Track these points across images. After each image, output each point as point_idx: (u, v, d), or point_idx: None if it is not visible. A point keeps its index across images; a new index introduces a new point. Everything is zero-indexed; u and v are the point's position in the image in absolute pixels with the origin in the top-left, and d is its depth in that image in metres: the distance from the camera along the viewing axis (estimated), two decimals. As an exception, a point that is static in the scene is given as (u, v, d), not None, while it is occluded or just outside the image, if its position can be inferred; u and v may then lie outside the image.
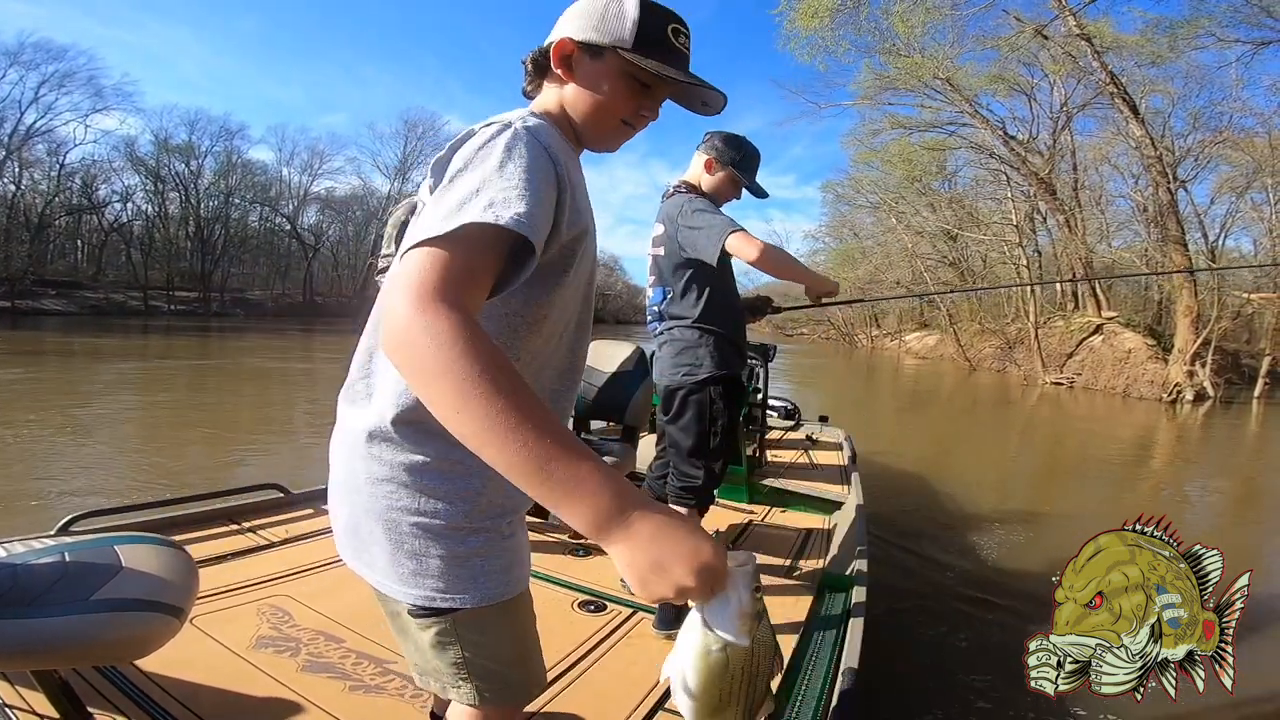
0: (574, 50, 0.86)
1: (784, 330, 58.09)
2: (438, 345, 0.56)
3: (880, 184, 28.10)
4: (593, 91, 0.87)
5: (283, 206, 41.39)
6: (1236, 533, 5.05)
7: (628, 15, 0.85)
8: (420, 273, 0.61)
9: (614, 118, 0.89)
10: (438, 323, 0.57)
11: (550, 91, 0.91)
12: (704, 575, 0.54)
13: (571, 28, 0.87)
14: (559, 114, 0.90)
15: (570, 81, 0.88)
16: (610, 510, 0.54)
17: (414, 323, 0.58)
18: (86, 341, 15.94)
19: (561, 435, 0.56)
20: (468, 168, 0.72)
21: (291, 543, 2.31)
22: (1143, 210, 19.92)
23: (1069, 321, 19.52)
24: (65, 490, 4.32)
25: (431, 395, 0.57)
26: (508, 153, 0.73)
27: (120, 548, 1.12)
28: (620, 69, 0.86)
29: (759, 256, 1.81)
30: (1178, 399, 13.88)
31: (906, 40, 18.15)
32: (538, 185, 0.71)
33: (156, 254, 35.50)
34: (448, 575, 0.80)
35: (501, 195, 0.68)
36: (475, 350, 0.56)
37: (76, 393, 8.39)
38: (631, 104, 0.88)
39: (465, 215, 0.65)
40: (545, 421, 0.55)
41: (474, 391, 0.55)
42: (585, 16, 0.86)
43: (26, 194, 31.27)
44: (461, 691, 0.86)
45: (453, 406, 0.56)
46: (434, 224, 0.65)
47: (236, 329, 24.40)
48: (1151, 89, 16.82)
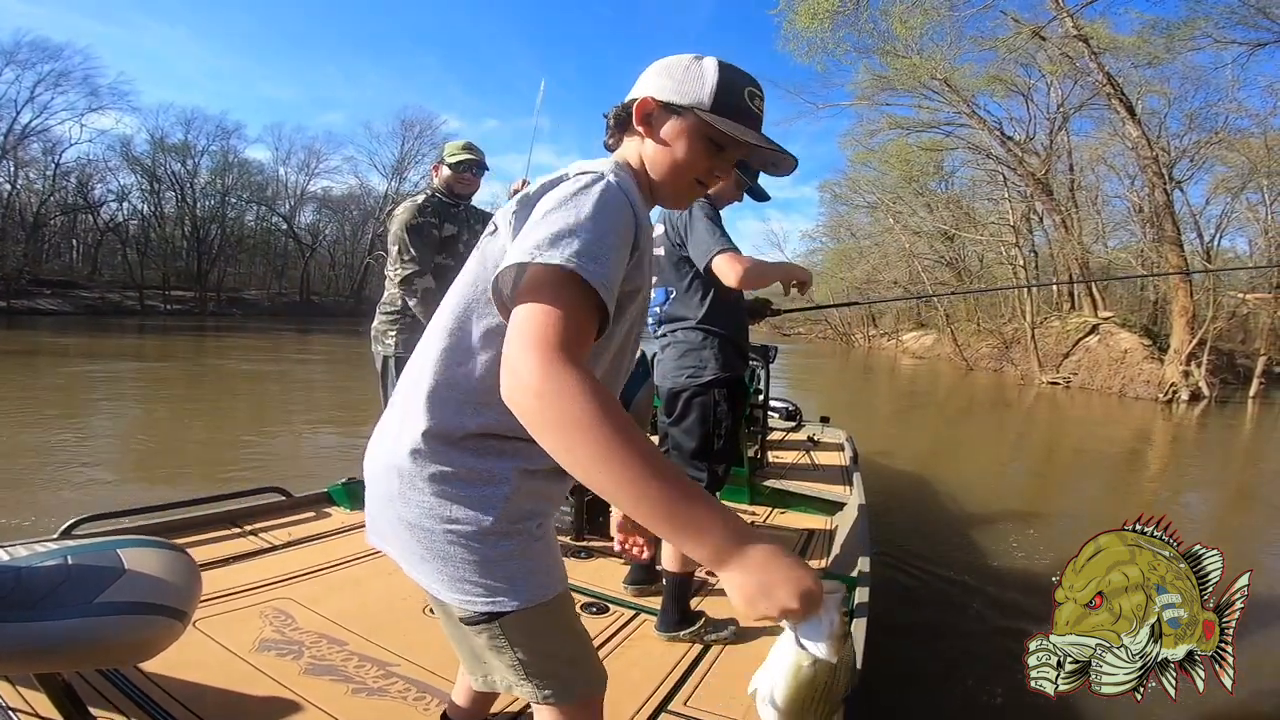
0: (655, 109, 0.90)
1: (781, 330, 58.05)
2: (573, 404, 0.63)
3: (878, 184, 28.13)
4: (671, 150, 0.90)
5: (279, 206, 41.34)
6: (1232, 532, 5.08)
7: (707, 78, 0.88)
8: (544, 330, 0.67)
9: (689, 176, 0.92)
10: (570, 382, 0.63)
11: (630, 146, 0.94)
12: (804, 599, 0.61)
13: (653, 87, 0.90)
14: (638, 169, 0.93)
15: (650, 139, 0.91)
16: (727, 544, 0.62)
17: (547, 382, 0.64)
18: (81, 342, 15.91)
19: (682, 481, 0.63)
20: (561, 210, 0.75)
21: (294, 546, 2.32)
22: (1139, 211, 20.02)
23: (1065, 321, 19.57)
24: (67, 494, 4.30)
25: (564, 449, 0.63)
26: (601, 207, 0.77)
27: (123, 551, 1.12)
28: (698, 130, 0.89)
29: (737, 282, 1.86)
30: (1173, 399, 13.92)
31: (905, 41, 18.20)
32: (619, 247, 0.77)
33: (152, 253, 35.40)
34: (486, 580, 0.83)
35: (595, 250, 0.72)
36: (607, 409, 0.63)
37: (75, 394, 8.37)
38: (706, 163, 0.91)
39: (570, 261, 0.69)
40: (668, 470, 0.63)
41: (611, 448, 0.62)
42: (667, 77, 0.89)
43: (22, 193, 31.22)
44: (525, 690, 0.90)
45: (590, 460, 0.62)
46: (528, 253, 0.70)
47: (233, 329, 24.35)
48: (1148, 90, 16.87)
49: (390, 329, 2.61)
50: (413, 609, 1.91)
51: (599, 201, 0.76)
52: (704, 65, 0.89)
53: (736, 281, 1.85)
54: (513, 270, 0.73)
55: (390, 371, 2.61)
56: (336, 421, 7.76)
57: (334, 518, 2.62)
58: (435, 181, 2.74)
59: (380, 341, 2.63)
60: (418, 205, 2.59)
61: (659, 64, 0.92)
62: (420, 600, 1.94)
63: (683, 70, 0.89)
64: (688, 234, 1.95)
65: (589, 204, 0.76)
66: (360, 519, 2.51)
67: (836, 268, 32.74)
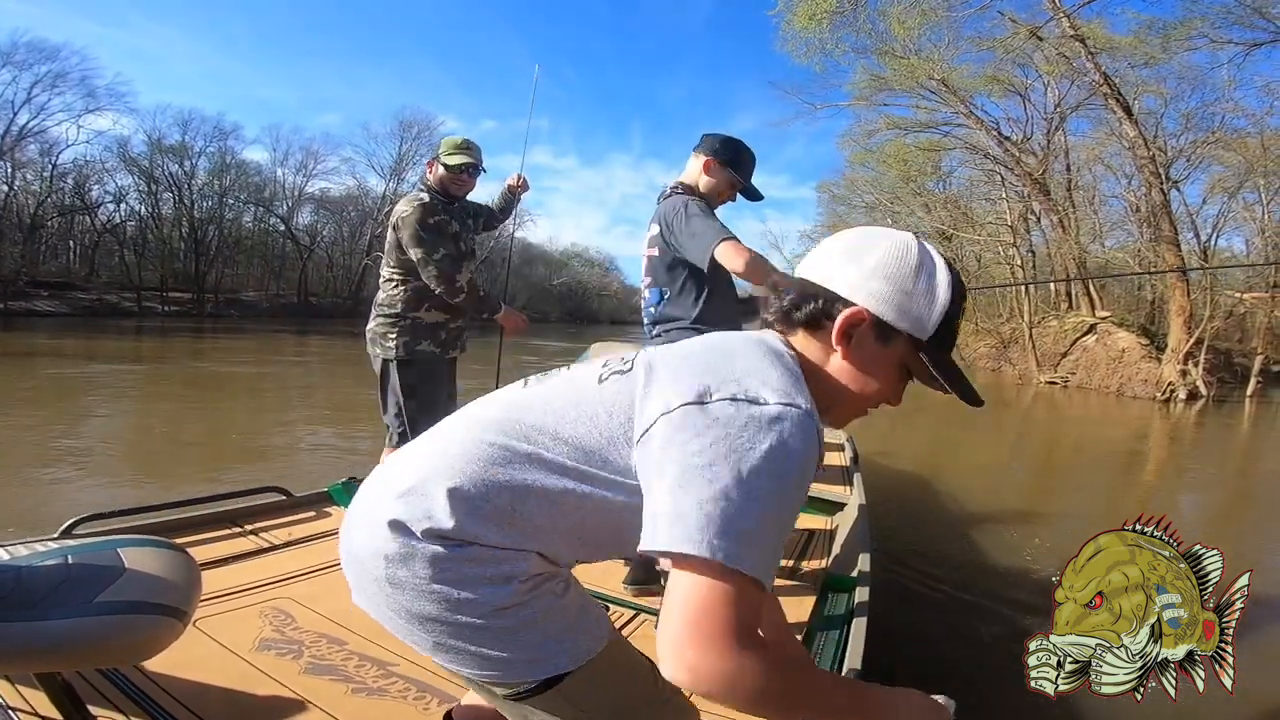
0: (866, 326, 0.76)
1: (780, 330, 57.88)
2: (768, 694, 0.61)
3: (875, 184, 28.18)
4: (866, 378, 0.78)
5: (277, 207, 41.26)
6: (1233, 531, 5.09)
7: (938, 301, 0.76)
8: (717, 620, 0.60)
9: (868, 402, 0.81)
10: (760, 675, 0.60)
11: (812, 346, 0.80)
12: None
13: (870, 293, 0.76)
14: (814, 374, 0.78)
15: (841, 353, 0.78)
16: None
17: (738, 680, 0.60)
18: (78, 343, 15.88)
19: (866, 694, 0.76)
20: (739, 461, 0.62)
21: (294, 545, 2.31)
22: (1136, 210, 20.03)
23: (1063, 321, 19.62)
24: (67, 493, 4.29)
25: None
26: (795, 479, 0.66)
27: (123, 550, 1.11)
28: (902, 358, 0.78)
29: (744, 268, 1.83)
30: (1171, 398, 13.97)
31: (903, 42, 18.23)
32: (795, 517, 0.69)
33: (150, 255, 35.31)
34: (522, 656, 0.74)
35: (777, 543, 0.65)
36: (801, 683, 0.64)
37: (74, 394, 8.36)
38: (888, 392, 0.80)
39: (752, 570, 0.61)
40: (856, 694, 0.75)
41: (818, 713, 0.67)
42: (889, 283, 0.75)
43: (19, 194, 31.12)
44: None
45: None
46: (694, 540, 0.60)
47: (231, 330, 24.32)
48: (1144, 89, 16.91)
49: (390, 331, 2.53)
50: None
51: (794, 469, 0.64)
52: (938, 282, 0.76)
53: (742, 266, 1.83)
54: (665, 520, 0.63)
55: (391, 375, 2.54)
56: (336, 421, 7.76)
57: (334, 517, 2.59)
58: (429, 179, 2.64)
59: (380, 344, 2.56)
60: (425, 205, 2.48)
61: (880, 256, 0.76)
62: None
63: (912, 282, 0.75)
64: (682, 231, 1.93)
65: (778, 470, 0.63)
66: None
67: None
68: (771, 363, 0.72)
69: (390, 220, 2.56)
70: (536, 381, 0.86)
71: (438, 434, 0.82)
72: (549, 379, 0.85)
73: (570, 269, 60.39)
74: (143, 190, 35.17)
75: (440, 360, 2.60)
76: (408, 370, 2.52)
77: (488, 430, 0.76)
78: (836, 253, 0.80)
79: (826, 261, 0.80)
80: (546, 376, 0.86)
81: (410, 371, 2.52)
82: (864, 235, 0.82)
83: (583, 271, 59.94)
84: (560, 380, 0.83)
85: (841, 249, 0.80)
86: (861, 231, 0.83)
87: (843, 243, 0.82)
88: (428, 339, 2.54)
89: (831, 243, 0.83)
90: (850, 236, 0.83)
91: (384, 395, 2.60)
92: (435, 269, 2.43)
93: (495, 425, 0.77)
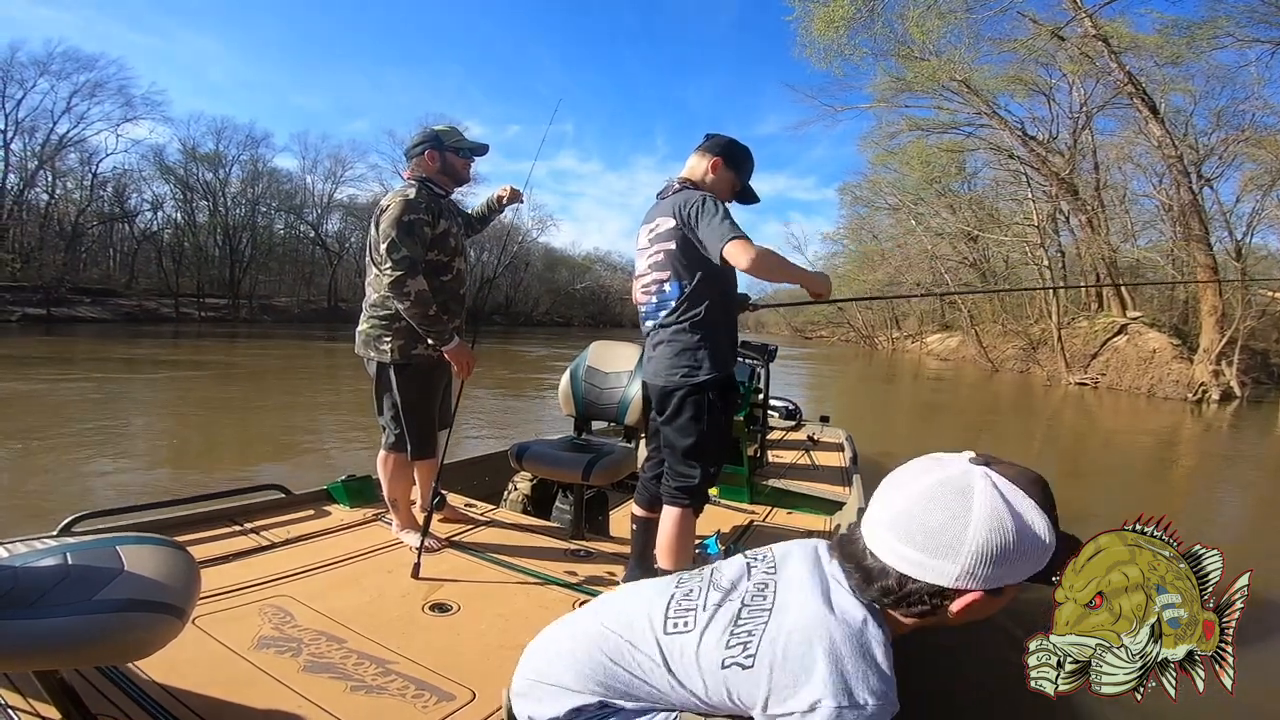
0: (980, 598, 0.82)
1: (803, 333, 57.31)
2: None
3: (898, 185, 27.92)
4: (970, 617, 0.86)
5: (307, 214, 41.87)
6: (1264, 534, 4.99)
7: (1045, 552, 0.81)
8: None
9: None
10: None
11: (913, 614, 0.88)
12: None
13: (982, 579, 0.80)
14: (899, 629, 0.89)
15: (954, 617, 0.86)
16: None
17: None
18: (121, 348, 16.29)
19: None
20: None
21: (293, 543, 2.30)
22: (1168, 209, 19.59)
23: (1093, 322, 19.28)
24: (66, 490, 4.37)
25: None
26: None
27: (122, 548, 1.12)
28: (1000, 605, 0.85)
29: (749, 265, 1.79)
30: (1203, 399, 13.67)
31: (922, 45, 18.09)
32: None
33: (187, 262, 36.01)
34: None
35: None
36: None
37: (113, 401, 8.63)
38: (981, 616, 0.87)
39: None
40: None
41: None
42: (1001, 570, 0.79)
43: (60, 203, 31.89)
44: None
45: None
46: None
47: (265, 335, 24.80)
48: (1171, 88, 16.54)
49: (385, 334, 2.40)
50: (411, 607, 1.90)
51: None
52: (1038, 532, 0.80)
53: (749, 265, 1.79)
54: None
55: (389, 379, 2.44)
56: (336, 421, 7.88)
57: (333, 515, 2.59)
58: (429, 171, 2.47)
59: (374, 347, 2.43)
60: (409, 201, 2.34)
61: (976, 542, 0.79)
62: (419, 598, 1.95)
63: (1018, 551, 0.79)
64: (698, 225, 1.90)
65: None
66: (359, 516, 2.59)
67: (858, 270, 32.48)
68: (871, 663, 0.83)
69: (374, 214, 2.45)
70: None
71: None
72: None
73: (593, 273, 60.23)
74: (179, 198, 35.92)
75: (437, 362, 2.49)
76: (404, 375, 2.43)
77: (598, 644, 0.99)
78: (919, 538, 0.82)
79: (910, 547, 0.83)
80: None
81: (407, 376, 2.43)
82: (941, 513, 0.82)
83: (605, 276, 59.74)
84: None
85: (924, 537, 0.82)
86: (926, 497, 0.84)
87: (921, 523, 0.83)
88: (424, 341, 2.41)
89: (905, 521, 0.85)
90: (924, 516, 0.83)
91: (379, 398, 2.53)
92: (391, 265, 2.29)
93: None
